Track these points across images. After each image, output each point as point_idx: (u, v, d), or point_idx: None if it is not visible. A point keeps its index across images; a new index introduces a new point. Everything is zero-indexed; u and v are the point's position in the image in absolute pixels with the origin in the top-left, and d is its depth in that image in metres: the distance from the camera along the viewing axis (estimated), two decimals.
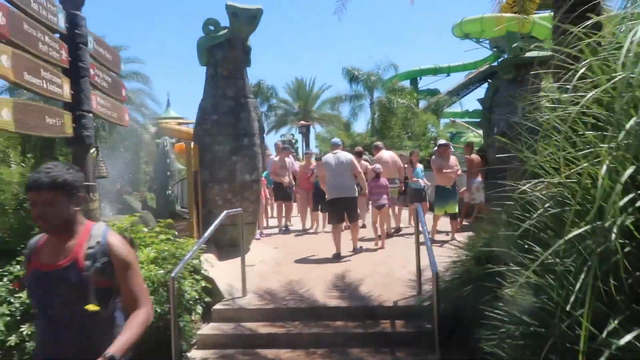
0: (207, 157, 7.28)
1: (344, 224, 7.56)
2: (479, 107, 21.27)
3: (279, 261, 6.92)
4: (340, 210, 7.13)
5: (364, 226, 8.92)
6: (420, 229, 4.59)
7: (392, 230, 8.83)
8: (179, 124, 39.66)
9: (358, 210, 7.74)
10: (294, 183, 9.84)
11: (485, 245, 3.86)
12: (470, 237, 4.95)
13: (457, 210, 8.39)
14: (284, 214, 9.83)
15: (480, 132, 32.96)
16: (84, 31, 4.42)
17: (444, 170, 8.15)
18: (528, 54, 9.17)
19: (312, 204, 9.41)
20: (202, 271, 5.43)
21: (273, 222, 10.38)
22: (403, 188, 9.23)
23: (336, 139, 8.47)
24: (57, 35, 4.20)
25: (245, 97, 7.47)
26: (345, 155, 7.39)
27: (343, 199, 7.08)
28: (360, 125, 75.64)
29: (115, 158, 19.67)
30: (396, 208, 9.28)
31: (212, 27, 7.31)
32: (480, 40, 42.57)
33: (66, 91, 4.13)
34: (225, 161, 7.27)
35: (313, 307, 4.89)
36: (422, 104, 29.46)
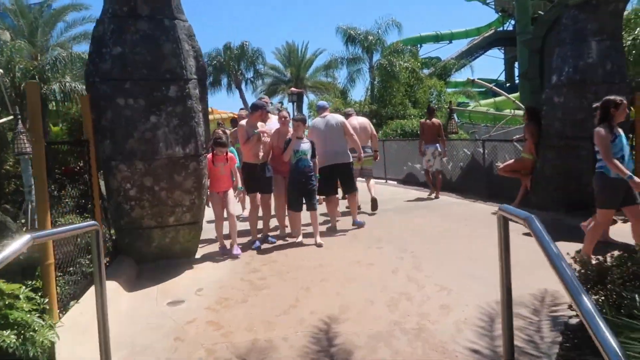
0: (107, 117, 4.36)
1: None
2: (484, 76, 18.80)
3: (226, 294, 4.05)
4: (334, 179, 6.29)
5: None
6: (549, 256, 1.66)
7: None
8: None
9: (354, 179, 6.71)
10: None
11: None
12: None
13: None
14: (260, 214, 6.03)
15: (491, 99, 30.01)
16: None
17: None
18: None
19: (288, 197, 5.90)
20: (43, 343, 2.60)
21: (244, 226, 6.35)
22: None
23: (322, 102, 7.56)
24: None
25: (172, 16, 4.51)
26: (335, 118, 6.55)
27: (337, 166, 6.22)
28: (359, 93, 71.99)
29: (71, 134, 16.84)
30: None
31: None
32: (487, 1, 39.30)
33: None
34: (137, 124, 4.37)
35: None
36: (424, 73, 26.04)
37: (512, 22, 39.28)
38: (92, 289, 3.79)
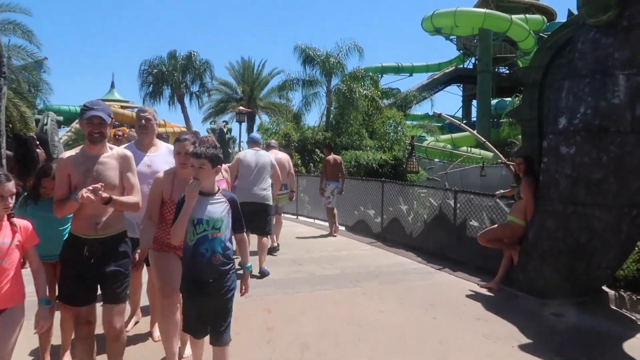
0: None
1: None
2: (442, 112, 17.61)
3: None
4: (250, 218, 5.02)
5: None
6: None
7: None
8: (123, 107, 33.47)
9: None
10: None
11: None
12: None
13: None
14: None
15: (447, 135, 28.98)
16: None
17: None
18: None
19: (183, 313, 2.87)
20: None
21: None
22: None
23: (256, 134, 7.22)
24: None
25: None
26: (269, 157, 6.02)
27: (256, 205, 5.59)
28: (313, 118, 70.07)
29: None
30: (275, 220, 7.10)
31: None
32: (451, 37, 39.03)
33: None
34: None
35: None
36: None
37: (473, 60, 39.18)
38: None
